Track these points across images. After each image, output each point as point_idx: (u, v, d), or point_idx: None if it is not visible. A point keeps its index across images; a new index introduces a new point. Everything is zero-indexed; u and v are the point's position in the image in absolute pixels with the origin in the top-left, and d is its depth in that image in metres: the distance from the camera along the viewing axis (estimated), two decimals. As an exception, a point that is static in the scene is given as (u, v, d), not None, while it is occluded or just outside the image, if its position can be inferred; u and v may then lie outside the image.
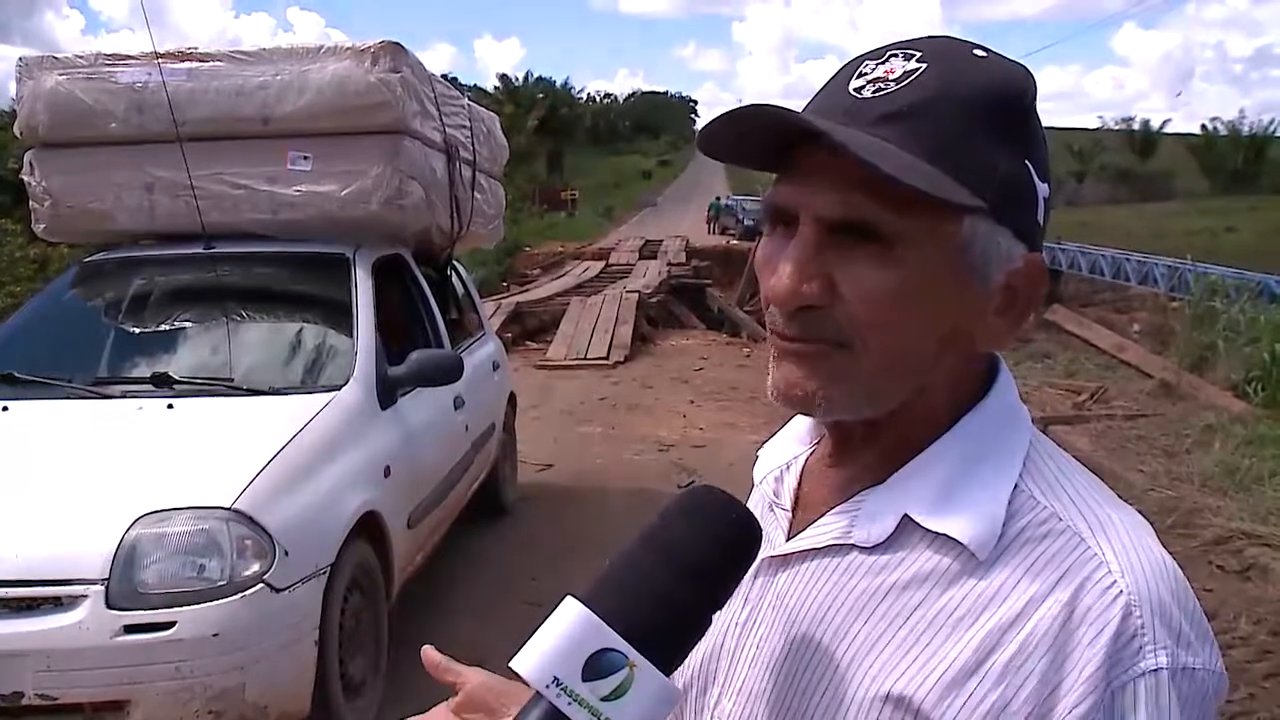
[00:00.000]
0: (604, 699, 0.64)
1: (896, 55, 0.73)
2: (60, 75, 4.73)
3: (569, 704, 0.63)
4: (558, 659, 0.64)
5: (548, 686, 0.64)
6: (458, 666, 0.89)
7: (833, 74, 0.77)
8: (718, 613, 0.71)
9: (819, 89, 0.77)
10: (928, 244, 0.71)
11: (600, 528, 5.59)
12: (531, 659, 0.65)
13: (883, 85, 0.72)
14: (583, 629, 0.65)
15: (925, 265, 0.71)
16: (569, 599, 0.67)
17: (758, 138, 0.74)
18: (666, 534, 0.70)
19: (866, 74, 0.73)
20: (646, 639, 0.65)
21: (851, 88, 0.73)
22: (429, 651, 0.90)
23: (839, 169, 0.69)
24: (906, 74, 0.72)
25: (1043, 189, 0.75)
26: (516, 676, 0.65)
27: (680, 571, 0.68)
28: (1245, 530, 5.92)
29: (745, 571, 0.72)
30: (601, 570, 0.70)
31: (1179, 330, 13.19)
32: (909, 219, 0.70)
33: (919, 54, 0.73)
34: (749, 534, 0.72)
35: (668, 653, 0.67)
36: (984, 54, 0.75)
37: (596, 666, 0.64)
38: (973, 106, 0.71)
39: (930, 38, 0.76)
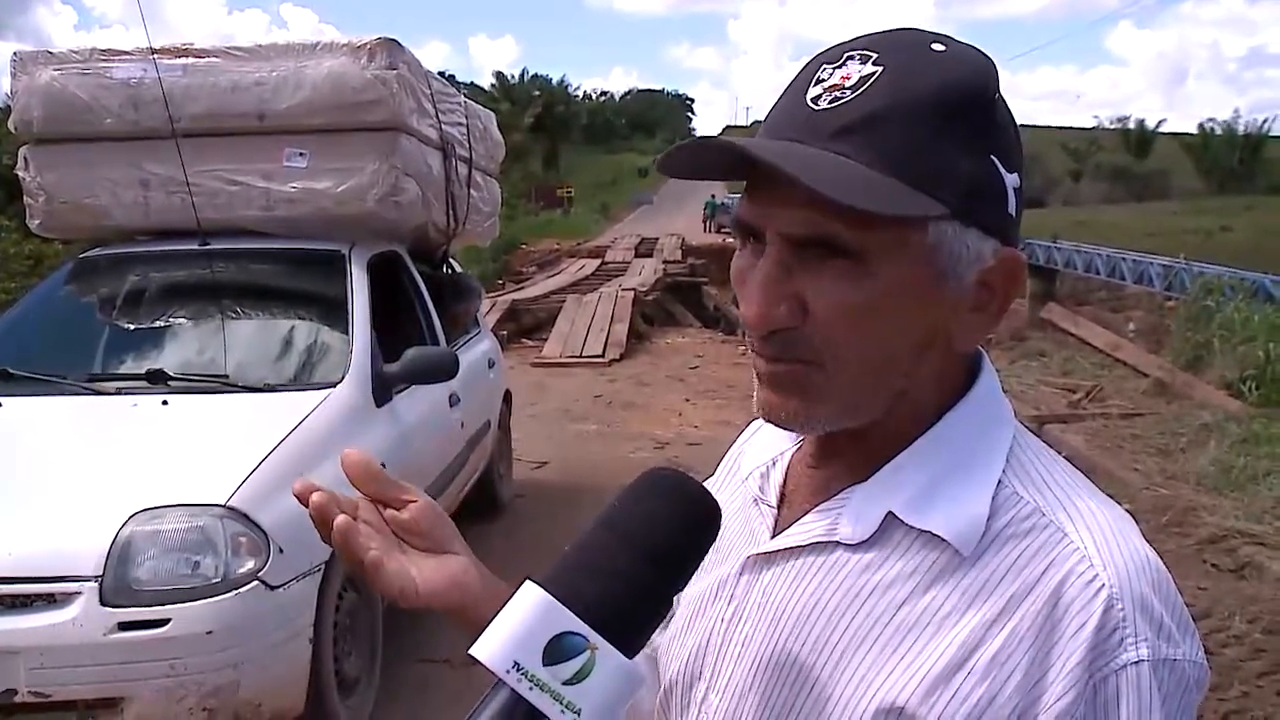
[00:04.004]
0: (566, 683, 0.63)
1: (853, 57, 0.72)
2: (55, 70, 4.70)
3: (530, 689, 0.62)
4: (518, 643, 0.63)
5: (508, 671, 0.63)
6: (393, 480, 0.86)
7: (793, 78, 0.76)
8: (679, 594, 0.70)
9: (780, 95, 0.76)
10: (894, 255, 0.70)
11: (596, 525, 5.58)
12: (491, 644, 0.64)
13: (839, 94, 0.71)
14: (542, 612, 0.64)
15: (893, 276, 0.70)
16: (528, 583, 0.66)
17: (717, 160, 0.74)
18: (622, 515, 0.70)
19: (824, 80, 0.72)
20: (607, 621, 0.64)
21: (809, 97, 0.72)
22: (350, 454, 0.85)
23: (800, 186, 0.68)
24: (862, 80, 0.71)
25: (1011, 180, 0.74)
26: (479, 664, 0.64)
27: (637, 552, 0.67)
28: (1240, 529, 5.94)
29: (705, 550, 0.71)
30: (562, 555, 0.69)
31: (1174, 329, 13.22)
32: (872, 232, 0.69)
33: (875, 55, 0.71)
34: (706, 511, 0.71)
35: (629, 634, 0.66)
36: (943, 48, 0.73)
37: (557, 650, 0.63)
38: (930, 109, 0.70)
39: (889, 33, 0.75)
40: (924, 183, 0.69)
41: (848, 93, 0.71)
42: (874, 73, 0.71)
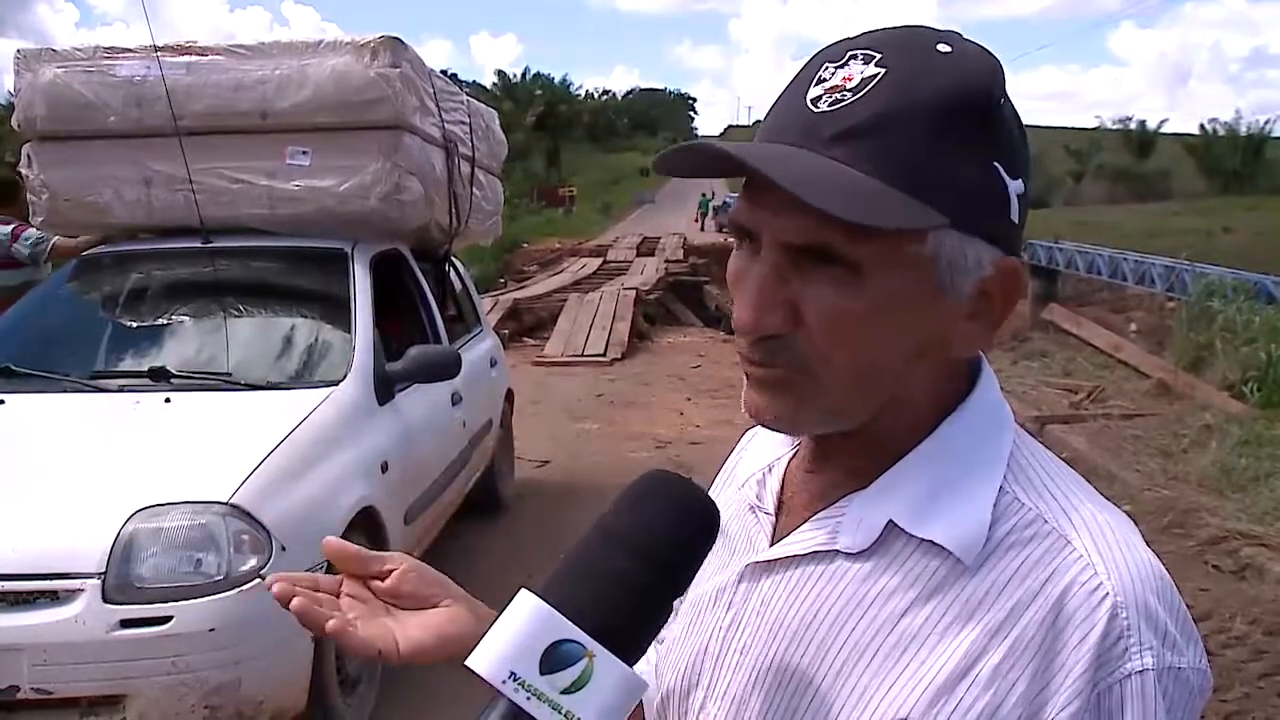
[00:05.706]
0: (564, 691, 0.62)
1: (856, 57, 0.70)
2: (58, 68, 4.71)
3: (528, 699, 0.61)
4: (513, 653, 0.62)
5: (504, 682, 0.62)
6: (373, 554, 0.87)
7: (794, 75, 0.74)
8: (680, 599, 0.69)
9: (781, 93, 0.74)
10: (891, 264, 0.69)
11: (597, 525, 5.58)
12: (487, 655, 0.63)
13: (840, 96, 0.69)
14: (537, 621, 0.63)
15: (890, 286, 0.69)
16: (523, 591, 0.65)
17: (714, 161, 0.72)
18: (618, 520, 0.69)
19: (825, 80, 0.70)
20: (604, 628, 0.64)
21: (809, 99, 0.70)
22: (330, 541, 0.86)
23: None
24: (864, 81, 0.68)
25: (1015, 186, 0.72)
26: (475, 675, 0.63)
27: (634, 557, 0.66)
28: (1241, 530, 5.94)
29: (704, 554, 0.71)
30: (558, 562, 0.68)
31: (1176, 330, 13.21)
32: (870, 242, 0.67)
33: (879, 55, 0.69)
34: (704, 516, 0.71)
35: (628, 641, 0.65)
36: (949, 48, 0.71)
37: (554, 658, 0.62)
38: (934, 115, 0.68)
39: (894, 30, 0.73)
40: (924, 191, 0.68)
41: (849, 95, 0.69)
42: (877, 74, 0.69)
